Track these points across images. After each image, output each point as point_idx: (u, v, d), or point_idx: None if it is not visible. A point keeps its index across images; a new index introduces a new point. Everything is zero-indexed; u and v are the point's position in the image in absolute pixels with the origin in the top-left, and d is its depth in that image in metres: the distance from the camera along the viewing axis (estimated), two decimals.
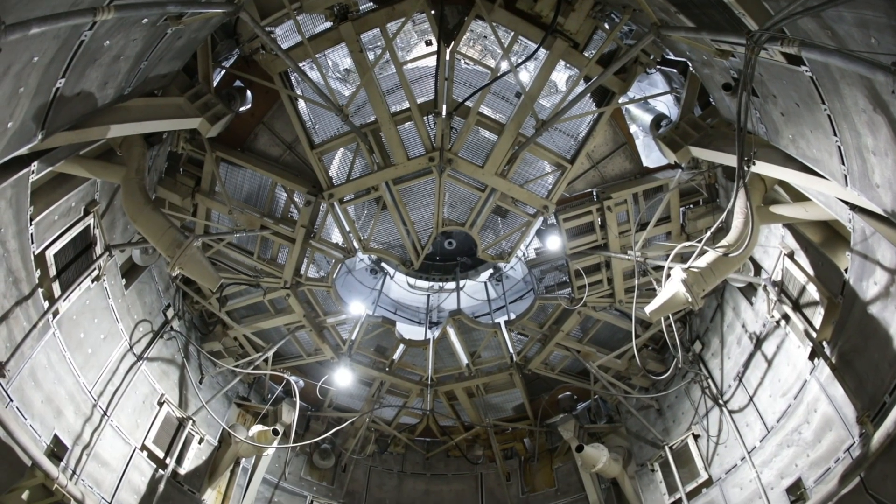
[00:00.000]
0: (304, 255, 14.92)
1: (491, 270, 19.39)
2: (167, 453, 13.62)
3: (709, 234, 9.84)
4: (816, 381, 10.55)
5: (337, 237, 15.77)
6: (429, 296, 19.50)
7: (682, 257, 10.27)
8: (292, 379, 14.84)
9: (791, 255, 11.12)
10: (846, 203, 8.48)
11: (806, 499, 10.84)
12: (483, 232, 15.78)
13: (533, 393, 18.25)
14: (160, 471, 13.36)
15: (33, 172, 8.83)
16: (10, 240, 9.06)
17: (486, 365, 17.62)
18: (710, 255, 9.64)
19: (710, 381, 14.04)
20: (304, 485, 17.03)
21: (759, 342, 12.49)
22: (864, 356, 9.29)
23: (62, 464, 10.81)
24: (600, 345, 16.56)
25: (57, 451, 10.81)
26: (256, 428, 14.55)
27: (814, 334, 10.59)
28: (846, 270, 9.45)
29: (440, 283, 19.25)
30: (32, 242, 9.55)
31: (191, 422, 14.30)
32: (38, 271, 9.90)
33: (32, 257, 9.65)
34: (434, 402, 18.14)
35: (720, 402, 13.60)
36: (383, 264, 19.23)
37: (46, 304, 10.14)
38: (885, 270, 8.52)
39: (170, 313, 14.13)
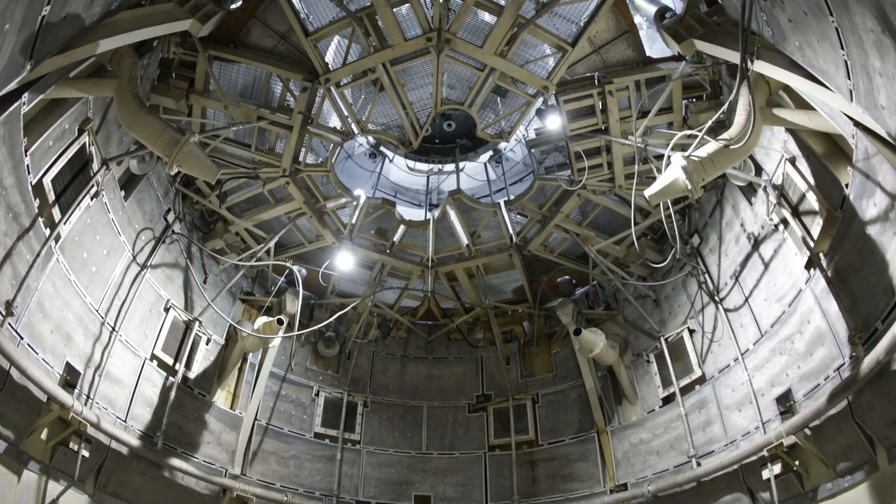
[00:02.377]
0: (301, 143, 14.83)
1: (490, 153, 19.26)
2: (176, 359, 14.01)
3: (710, 122, 9.92)
4: (811, 293, 10.73)
5: (335, 122, 15.62)
6: (428, 177, 19.44)
7: (683, 148, 10.23)
8: (295, 268, 14.98)
9: (793, 161, 11.06)
10: (850, 119, 8.38)
11: (795, 412, 11.22)
12: (482, 111, 15.60)
13: (532, 275, 18.45)
14: (170, 378, 13.80)
15: (24, 104, 8.66)
16: (7, 176, 9.02)
17: (486, 245, 17.78)
18: (712, 146, 9.71)
19: (706, 276, 14.23)
20: (310, 375, 17.54)
21: (756, 243, 12.58)
22: (859, 276, 9.42)
23: (76, 391, 11.19)
24: (599, 230, 16.63)
25: (70, 378, 11.16)
26: (262, 319, 14.77)
27: (811, 244, 10.68)
28: (847, 186, 9.46)
29: (439, 166, 19.16)
30: (29, 173, 9.52)
31: (197, 323, 14.62)
32: (37, 200, 9.90)
33: (30, 188, 9.63)
34: (435, 284, 18.44)
35: (716, 298, 13.84)
36: (382, 148, 19.07)
37: (48, 232, 10.22)
38: (885, 194, 8.55)
39: (170, 217, 14.15)
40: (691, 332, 14.67)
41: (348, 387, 17.92)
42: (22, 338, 9.81)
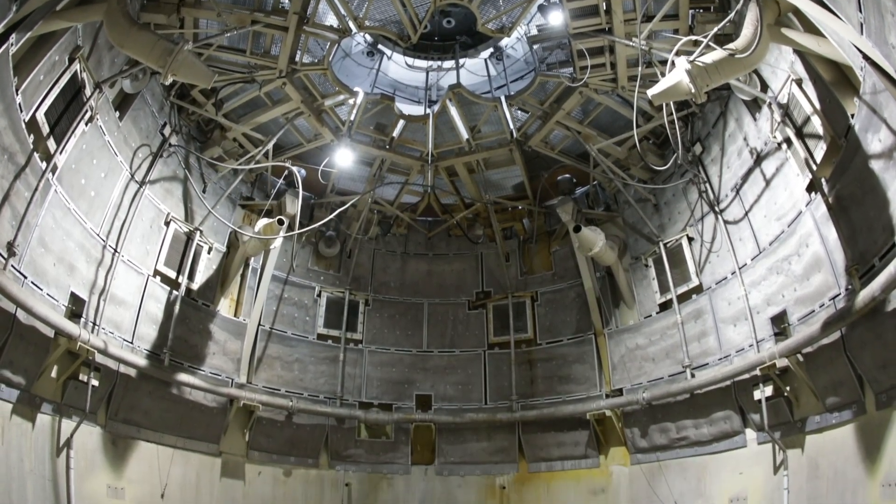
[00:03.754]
0: (297, 44, 14.40)
1: (491, 50, 18.76)
2: (179, 272, 14.17)
3: (717, 29, 9.70)
4: (811, 217, 10.74)
5: (331, 20, 15.15)
6: (427, 73, 19.00)
7: (689, 55, 10.06)
8: (294, 168, 14.84)
9: (799, 83, 10.81)
10: (859, 51, 8.19)
11: (789, 335, 11.45)
12: (483, 6, 15.20)
13: (532, 171, 18.28)
14: (174, 292, 14.01)
15: (12, 45, 8.47)
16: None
17: (487, 140, 17.56)
18: (717, 54, 9.57)
19: (707, 185, 14.14)
20: (311, 275, 17.71)
21: (759, 159, 12.45)
22: (860, 209, 9.43)
23: (82, 320, 11.37)
24: (601, 129, 16.39)
25: (75, 308, 11.35)
26: (262, 221, 14.72)
27: (814, 167, 10.59)
28: (852, 116, 9.33)
29: (438, 62, 18.69)
30: (21, 111, 9.39)
31: (198, 233, 14.67)
32: (32, 136, 9.80)
33: (24, 126, 9.52)
34: (435, 179, 18.35)
35: (716, 209, 13.81)
36: (380, 46, 18.57)
37: (44, 165, 10.15)
38: (891, 132, 8.44)
39: (167, 131, 13.91)
40: (690, 239, 14.73)
41: (349, 285, 18.12)
42: (25, 277, 9.95)
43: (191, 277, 14.49)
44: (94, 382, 11.52)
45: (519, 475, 17.32)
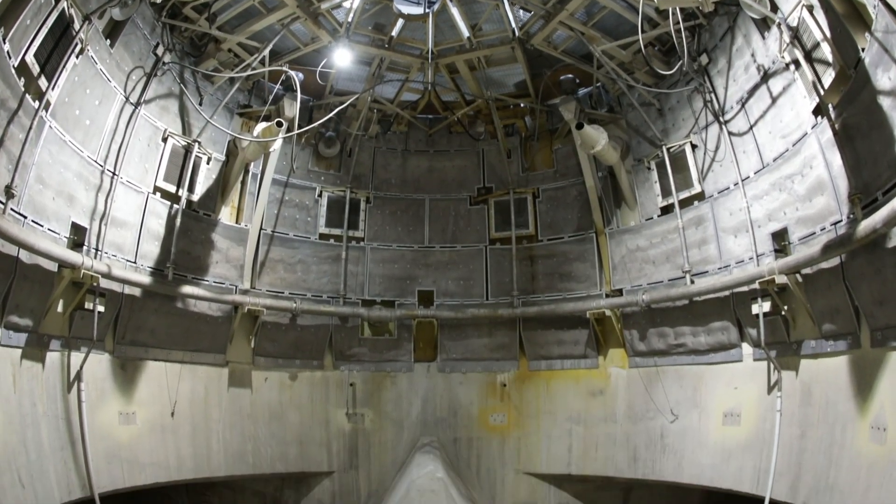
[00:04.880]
0: None
1: None
2: (178, 185, 14.08)
3: None
4: (817, 140, 10.59)
5: None
6: None
7: None
8: (291, 72, 14.56)
9: (810, 9, 10.44)
10: None
11: (788, 252, 11.54)
12: None
13: (535, 70, 17.79)
14: (174, 206, 13.99)
15: None
16: None
17: (488, 38, 16.96)
18: None
19: (713, 95, 13.86)
20: (312, 176, 17.56)
21: (766, 76, 12.12)
22: (866, 141, 9.34)
23: (84, 248, 11.45)
24: (605, 32, 15.93)
25: (77, 238, 11.45)
26: (261, 125, 14.50)
27: (821, 91, 10.39)
28: (863, 50, 9.09)
29: None
30: (10, 58, 9.19)
31: (196, 144, 14.48)
32: (23, 79, 9.61)
33: (13, 72, 9.33)
34: (435, 76, 17.98)
35: (720, 119, 13.58)
36: None
37: (37, 104, 10.01)
38: None
39: (160, 51, 13.50)
40: (693, 146, 14.51)
41: (350, 184, 17.96)
42: (25, 217, 9.99)
43: (191, 189, 14.41)
44: (101, 308, 11.74)
45: (519, 373, 17.77)
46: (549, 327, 17.36)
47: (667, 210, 15.13)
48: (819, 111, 10.51)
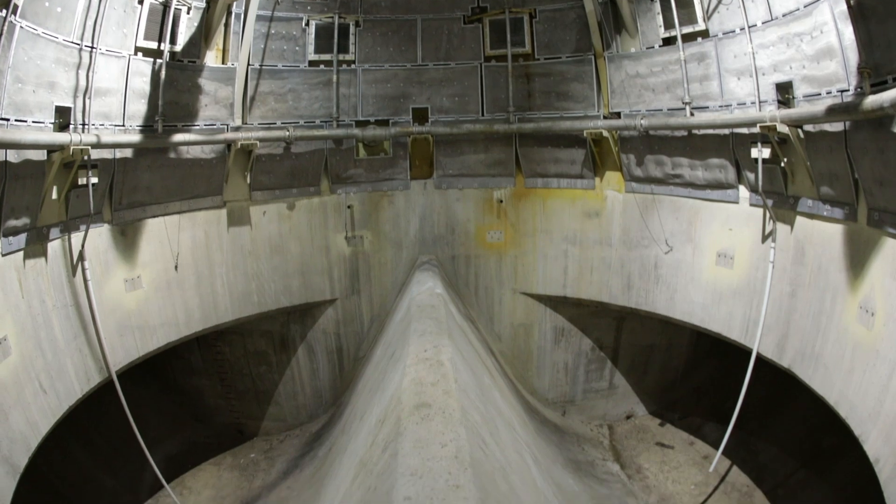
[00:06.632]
0: None
1: None
2: (160, 41, 13.40)
3: None
4: (829, 9, 10.10)
5: None
6: None
7: None
8: None
9: None
10: None
11: (792, 106, 11.32)
12: None
13: None
14: (157, 61, 13.40)
15: None
16: None
17: None
18: None
19: None
20: (297, 7, 16.52)
21: None
22: (882, 26, 8.97)
23: (71, 127, 11.24)
24: None
25: (62, 119, 11.24)
26: None
27: None
28: None
29: None
30: None
31: None
32: None
33: None
34: None
35: None
36: None
37: (4, 13, 9.50)
38: None
39: None
40: None
41: (339, 10, 17.06)
42: (7, 120, 9.76)
43: (173, 42, 13.65)
44: (94, 180, 11.69)
45: (516, 190, 17.88)
46: (545, 145, 17.28)
47: (669, 41, 14.47)
48: None
